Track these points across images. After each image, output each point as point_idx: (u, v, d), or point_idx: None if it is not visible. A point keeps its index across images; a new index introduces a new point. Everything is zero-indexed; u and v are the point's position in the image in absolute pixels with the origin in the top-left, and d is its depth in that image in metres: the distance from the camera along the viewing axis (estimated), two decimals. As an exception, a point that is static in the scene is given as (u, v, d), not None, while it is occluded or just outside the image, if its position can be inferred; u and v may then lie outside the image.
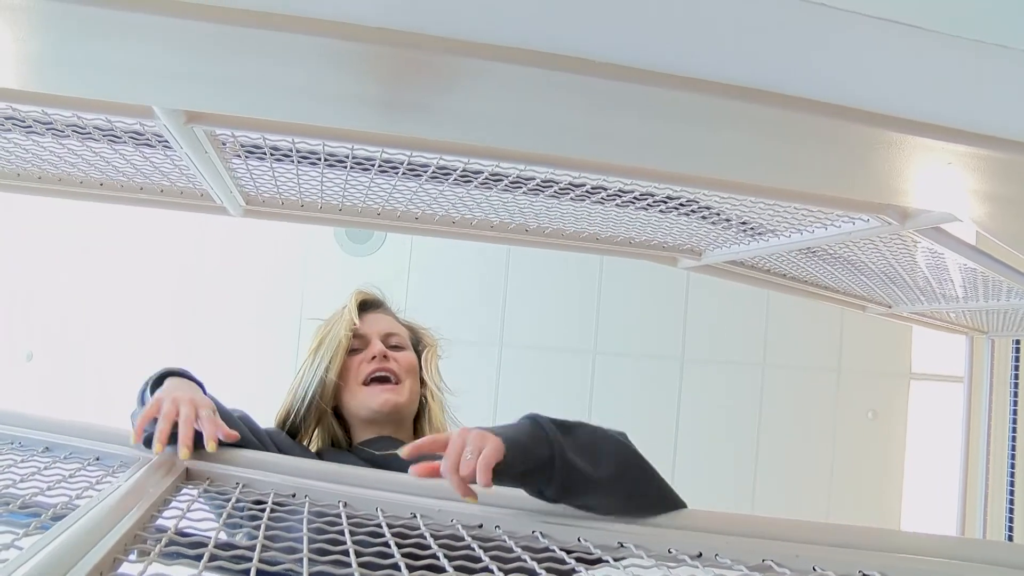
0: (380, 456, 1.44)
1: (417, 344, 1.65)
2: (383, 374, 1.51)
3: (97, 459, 1.19)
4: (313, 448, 1.55)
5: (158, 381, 1.29)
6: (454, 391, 1.66)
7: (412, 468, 1.04)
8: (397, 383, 1.52)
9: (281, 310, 4.32)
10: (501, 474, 1.00)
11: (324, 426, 1.54)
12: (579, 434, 1.13)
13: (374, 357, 1.52)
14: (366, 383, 1.51)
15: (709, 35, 0.72)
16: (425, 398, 1.60)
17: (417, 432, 1.59)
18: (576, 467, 1.07)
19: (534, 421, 1.11)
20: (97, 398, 4.19)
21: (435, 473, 1.03)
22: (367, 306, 1.64)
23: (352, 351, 1.54)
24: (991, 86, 0.75)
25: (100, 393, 4.20)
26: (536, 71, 0.76)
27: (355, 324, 1.56)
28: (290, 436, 1.50)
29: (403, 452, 1.07)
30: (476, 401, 1.54)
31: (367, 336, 1.56)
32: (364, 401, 1.50)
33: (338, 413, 1.56)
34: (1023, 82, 0.73)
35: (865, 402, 4.61)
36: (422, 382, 1.60)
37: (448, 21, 0.72)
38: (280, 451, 1.39)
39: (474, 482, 0.98)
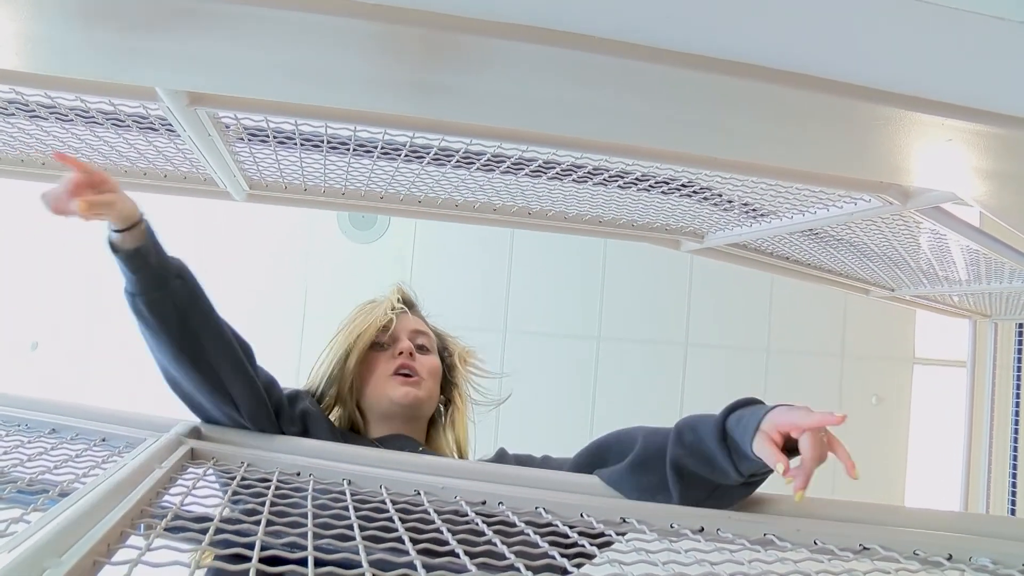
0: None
1: (443, 351, 1.66)
2: (406, 371, 1.51)
3: (103, 440, 1.20)
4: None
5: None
6: (484, 398, 1.67)
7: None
8: (420, 380, 1.52)
9: (285, 297, 4.33)
10: None
11: (348, 409, 1.54)
12: None
13: (400, 353, 1.53)
14: (389, 377, 1.51)
15: (707, 10, 0.72)
16: (450, 402, 1.62)
17: (430, 436, 1.59)
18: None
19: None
20: (101, 387, 4.20)
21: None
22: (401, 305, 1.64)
23: (379, 345, 1.55)
24: (991, 60, 0.75)
25: (105, 382, 4.22)
26: (537, 48, 0.76)
27: (391, 316, 1.57)
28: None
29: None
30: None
31: (396, 332, 1.57)
32: (386, 391, 1.50)
33: (359, 405, 1.55)
34: (1023, 56, 0.73)
35: (869, 387, 4.62)
36: (443, 388, 1.61)
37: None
38: (307, 419, 1.39)
39: None
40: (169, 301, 1.21)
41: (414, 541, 0.84)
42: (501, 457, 1.50)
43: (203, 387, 1.25)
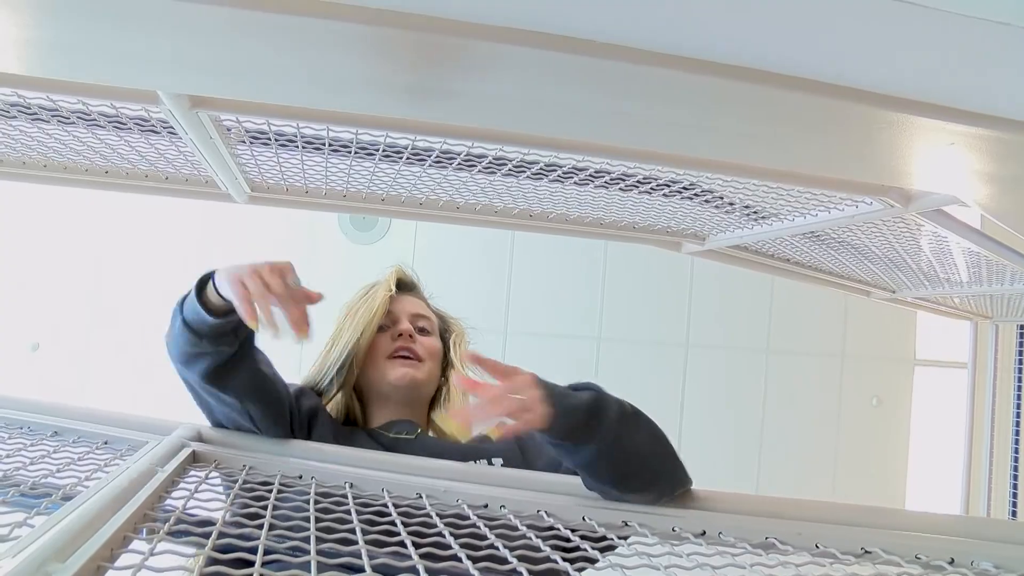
0: (391, 439, 1.44)
1: (445, 332, 1.66)
2: (405, 353, 1.52)
3: (105, 443, 1.21)
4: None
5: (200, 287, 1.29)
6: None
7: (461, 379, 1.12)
8: (418, 362, 1.53)
9: (286, 299, 4.31)
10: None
11: (345, 395, 1.54)
12: (634, 437, 1.13)
13: (400, 335, 1.53)
14: (388, 359, 1.52)
15: (708, 13, 0.72)
16: (444, 384, 1.61)
17: (430, 417, 1.60)
18: (605, 469, 1.09)
19: (597, 407, 1.11)
20: (102, 388, 4.20)
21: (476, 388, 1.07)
22: (402, 286, 1.66)
23: (380, 327, 1.55)
24: (993, 65, 0.75)
25: (105, 383, 4.22)
26: (540, 52, 0.76)
27: (392, 295, 1.58)
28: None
29: (468, 359, 1.10)
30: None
31: (396, 314, 1.57)
32: (384, 374, 1.50)
33: (356, 389, 1.56)
34: (1025, 60, 0.73)
35: (869, 388, 4.61)
36: (443, 369, 1.61)
37: (452, 1, 0.72)
38: (312, 417, 1.40)
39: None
40: (228, 352, 1.22)
41: (416, 545, 0.84)
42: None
43: (227, 407, 1.25)
